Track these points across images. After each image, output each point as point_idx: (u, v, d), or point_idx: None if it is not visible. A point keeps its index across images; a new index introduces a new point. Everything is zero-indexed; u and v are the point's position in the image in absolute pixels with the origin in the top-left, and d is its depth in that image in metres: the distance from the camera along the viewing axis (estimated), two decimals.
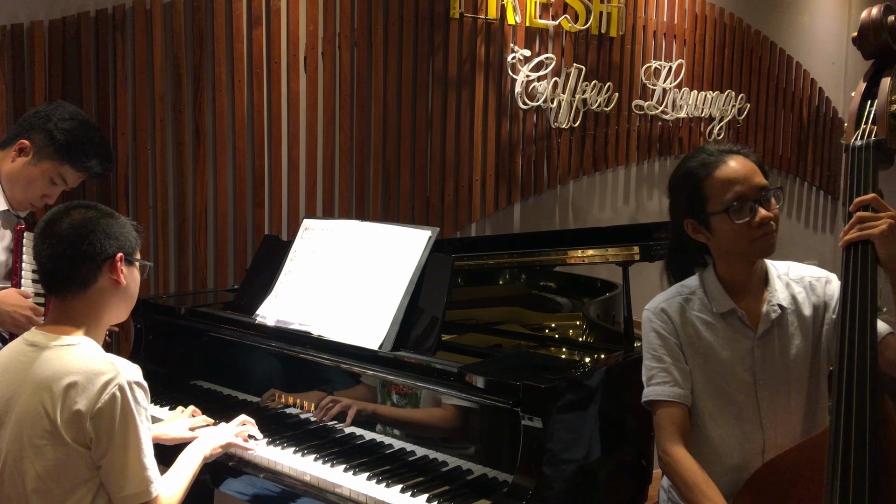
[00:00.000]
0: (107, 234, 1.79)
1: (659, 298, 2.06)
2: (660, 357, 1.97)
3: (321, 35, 3.57)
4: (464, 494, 1.92)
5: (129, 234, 1.86)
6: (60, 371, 1.68)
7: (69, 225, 1.78)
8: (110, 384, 1.66)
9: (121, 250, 1.81)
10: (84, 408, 1.65)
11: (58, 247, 1.77)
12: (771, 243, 1.93)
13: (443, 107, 3.95)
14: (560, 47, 4.31)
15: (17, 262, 2.39)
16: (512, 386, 1.88)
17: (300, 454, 2.13)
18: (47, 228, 1.79)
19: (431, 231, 2.28)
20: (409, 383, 2.10)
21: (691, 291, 2.03)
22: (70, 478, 1.69)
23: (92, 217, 1.80)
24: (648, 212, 4.92)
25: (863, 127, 1.84)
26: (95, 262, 1.78)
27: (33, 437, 1.68)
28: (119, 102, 3.15)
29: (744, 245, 1.91)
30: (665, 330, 1.98)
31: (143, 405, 1.72)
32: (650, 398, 1.97)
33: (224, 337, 2.53)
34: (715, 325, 1.97)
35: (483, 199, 4.14)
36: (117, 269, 1.80)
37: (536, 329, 2.93)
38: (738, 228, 1.89)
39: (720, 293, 1.98)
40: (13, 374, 1.75)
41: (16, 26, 2.93)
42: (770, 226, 1.90)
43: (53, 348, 1.73)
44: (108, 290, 1.81)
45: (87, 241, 1.77)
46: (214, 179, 3.38)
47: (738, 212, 1.89)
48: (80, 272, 1.77)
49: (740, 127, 5.26)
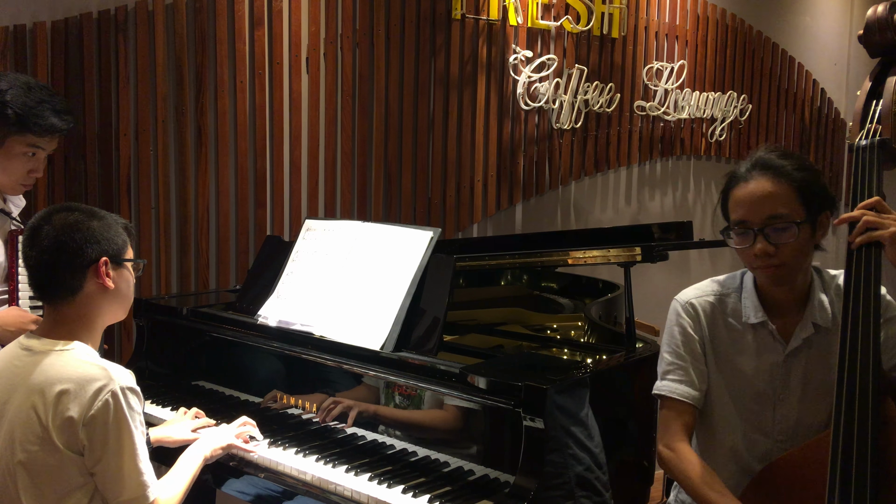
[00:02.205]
0: (89, 238, 1.75)
1: (692, 291, 1.99)
2: (680, 354, 1.94)
3: (323, 36, 3.57)
4: (465, 495, 1.92)
5: (115, 234, 1.81)
6: (53, 377, 1.67)
7: (50, 232, 1.74)
8: (103, 391, 1.65)
9: (105, 254, 1.77)
10: (76, 415, 1.64)
11: (41, 256, 1.74)
12: (770, 275, 1.85)
13: (444, 107, 3.96)
14: (562, 48, 4.31)
15: (14, 266, 2.39)
16: (514, 387, 1.88)
17: (302, 455, 2.13)
18: (31, 236, 1.76)
19: (433, 232, 2.28)
20: (411, 384, 2.10)
21: (727, 293, 1.96)
22: (63, 483, 1.68)
23: (73, 221, 1.75)
24: (650, 212, 4.91)
25: (868, 126, 1.82)
26: (79, 269, 1.74)
27: (25, 442, 1.67)
28: (121, 103, 3.15)
29: (751, 268, 1.88)
30: (691, 327, 1.94)
31: (137, 410, 1.70)
32: (662, 393, 1.94)
33: (226, 337, 2.53)
34: (743, 333, 1.92)
35: (485, 200, 4.14)
36: (101, 273, 1.76)
37: (538, 330, 2.92)
38: (740, 251, 1.85)
39: (754, 304, 1.91)
40: (7, 379, 1.74)
41: (18, 27, 2.94)
42: (770, 259, 1.81)
43: (47, 353, 1.72)
44: (97, 295, 1.78)
45: (68, 248, 1.73)
46: (216, 180, 3.38)
47: (740, 235, 1.84)
48: (65, 280, 1.74)
49: (742, 128, 5.25)
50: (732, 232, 1.85)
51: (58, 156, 3.06)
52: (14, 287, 2.38)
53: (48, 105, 2.35)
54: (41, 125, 2.33)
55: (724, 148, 5.16)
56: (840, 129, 5.96)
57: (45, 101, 2.35)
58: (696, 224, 2.76)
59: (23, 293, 2.39)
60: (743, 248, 1.84)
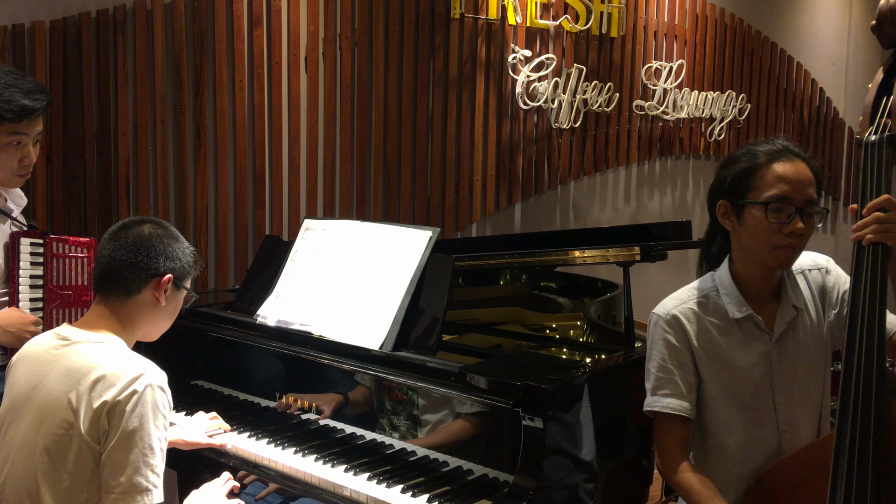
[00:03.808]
0: (165, 253, 1.85)
1: (670, 302, 1.97)
2: (667, 368, 1.91)
3: (322, 35, 3.57)
4: (464, 495, 1.92)
5: (187, 260, 1.90)
6: (91, 364, 1.71)
7: (135, 234, 1.84)
8: (134, 383, 1.68)
9: (172, 272, 1.86)
10: (107, 399, 1.67)
11: (118, 250, 1.82)
12: (791, 257, 1.86)
13: (443, 107, 3.96)
14: (561, 48, 4.32)
15: (14, 268, 2.38)
16: (513, 386, 1.88)
17: (301, 454, 2.13)
18: (117, 232, 1.86)
19: (432, 231, 2.28)
20: (410, 383, 2.10)
21: (705, 294, 1.96)
22: (79, 473, 1.68)
23: (158, 234, 1.86)
24: (649, 212, 4.92)
25: (878, 121, 1.76)
26: (145, 275, 1.83)
27: (52, 426, 1.69)
28: (120, 103, 3.15)
29: (765, 248, 1.85)
30: (676, 339, 1.92)
31: (163, 412, 1.72)
32: (655, 409, 1.92)
33: (225, 337, 2.53)
34: (731, 330, 1.92)
35: (484, 200, 4.14)
36: (161, 287, 1.84)
37: (537, 329, 2.92)
38: (767, 226, 1.81)
39: (736, 297, 1.91)
40: (41, 365, 1.78)
41: (17, 26, 2.93)
42: (799, 240, 1.83)
43: (84, 343, 1.77)
44: (148, 305, 1.85)
45: (145, 252, 1.82)
46: (215, 180, 3.38)
47: (777, 211, 1.82)
48: (128, 280, 1.82)
49: (741, 127, 5.26)
50: (768, 206, 1.81)
51: (56, 155, 3.06)
52: (14, 289, 2.37)
53: (16, 89, 2.29)
54: (13, 110, 2.27)
55: (722, 147, 5.16)
56: (839, 128, 5.97)
57: (12, 85, 2.29)
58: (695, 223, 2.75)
59: (23, 295, 2.38)
60: (777, 223, 1.81)
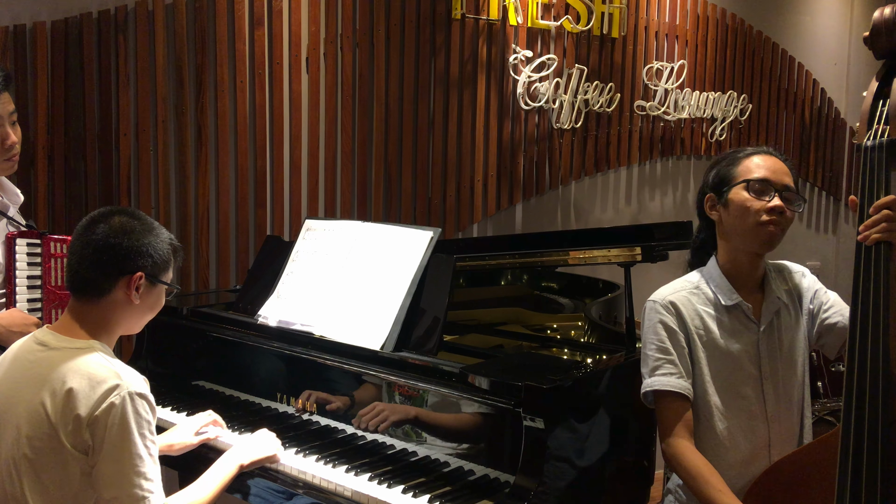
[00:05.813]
0: (136, 249, 1.76)
1: (665, 290, 2.07)
2: (666, 349, 1.98)
3: (323, 36, 3.57)
4: (465, 495, 1.92)
5: (162, 253, 1.81)
6: (65, 374, 1.67)
7: (104, 230, 1.75)
8: (111, 393, 1.64)
9: (143, 269, 1.77)
10: (83, 414, 1.63)
11: (86, 249, 1.75)
12: (774, 234, 1.96)
13: (444, 107, 3.95)
14: (562, 48, 4.31)
15: (11, 269, 2.38)
16: (514, 386, 1.88)
17: (302, 454, 2.13)
18: (87, 228, 1.77)
19: (433, 232, 2.28)
20: (411, 384, 2.10)
21: (695, 286, 2.05)
22: (68, 483, 1.66)
23: (129, 228, 1.76)
24: (650, 212, 4.91)
25: (875, 127, 1.81)
26: (114, 274, 1.75)
27: (32, 437, 1.66)
28: (121, 103, 3.15)
29: (749, 227, 1.95)
30: (673, 323, 2.00)
31: (146, 418, 1.68)
32: (656, 388, 1.96)
33: (226, 337, 2.53)
34: (721, 318, 2.00)
35: (485, 200, 4.14)
36: (132, 285, 1.77)
37: (538, 330, 2.92)
38: (750, 203, 1.94)
39: (725, 286, 2.01)
40: (19, 372, 1.74)
41: (18, 27, 2.94)
42: (780, 217, 1.94)
43: (63, 350, 1.72)
44: (122, 304, 1.78)
45: (113, 251, 1.74)
46: (216, 180, 3.38)
47: (759, 192, 1.95)
48: (98, 279, 1.75)
49: (742, 128, 5.25)
50: (749, 183, 1.96)
51: (58, 156, 3.06)
52: (11, 290, 2.38)
53: None
54: None
55: (724, 148, 5.15)
56: (840, 129, 5.96)
57: None
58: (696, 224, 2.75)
59: (21, 296, 2.38)
60: (756, 198, 1.95)
